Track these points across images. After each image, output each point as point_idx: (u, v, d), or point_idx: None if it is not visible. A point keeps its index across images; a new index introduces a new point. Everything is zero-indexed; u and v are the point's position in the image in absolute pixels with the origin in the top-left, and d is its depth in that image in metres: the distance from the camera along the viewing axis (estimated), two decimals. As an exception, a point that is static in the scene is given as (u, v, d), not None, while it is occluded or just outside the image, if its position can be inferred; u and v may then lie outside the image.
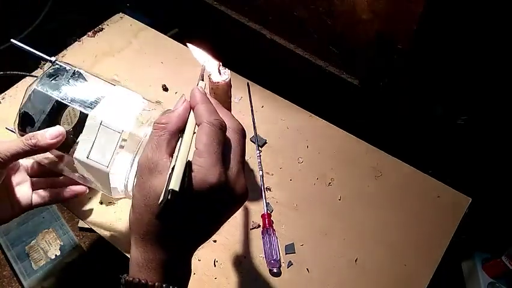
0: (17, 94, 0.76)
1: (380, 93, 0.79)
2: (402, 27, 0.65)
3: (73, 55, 0.83)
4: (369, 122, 0.82)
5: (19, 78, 0.76)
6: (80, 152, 0.48)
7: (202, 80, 0.43)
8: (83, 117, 0.49)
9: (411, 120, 0.81)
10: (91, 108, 0.49)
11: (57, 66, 0.51)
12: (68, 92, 0.50)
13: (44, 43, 0.85)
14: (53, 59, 0.51)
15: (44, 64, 0.80)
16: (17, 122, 0.50)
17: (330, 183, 0.67)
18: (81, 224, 1.25)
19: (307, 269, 0.58)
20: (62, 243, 1.20)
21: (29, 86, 0.49)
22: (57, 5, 1.01)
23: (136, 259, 0.36)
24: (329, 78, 0.84)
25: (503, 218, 0.90)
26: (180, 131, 0.37)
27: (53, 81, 0.50)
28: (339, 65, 0.82)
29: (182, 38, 0.86)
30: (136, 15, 0.91)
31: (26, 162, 0.56)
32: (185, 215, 0.35)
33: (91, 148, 0.48)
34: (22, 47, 0.52)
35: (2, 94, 0.75)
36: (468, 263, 1.06)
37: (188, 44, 0.48)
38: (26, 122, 0.50)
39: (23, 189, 0.54)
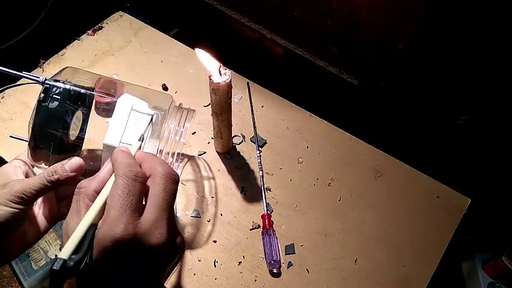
0: (16, 94, 0.75)
1: (380, 93, 0.79)
2: (402, 27, 0.65)
3: (72, 54, 0.83)
4: (369, 122, 0.82)
5: (18, 78, 0.76)
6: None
7: (142, 140, 0.44)
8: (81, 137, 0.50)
9: (411, 120, 0.81)
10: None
11: (47, 86, 0.49)
12: (66, 116, 0.49)
13: (44, 42, 0.85)
14: (41, 78, 0.49)
15: (43, 63, 0.80)
16: (29, 153, 0.49)
17: (330, 183, 0.67)
18: (81, 223, 1.26)
19: (307, 270, 0.58)
20: (62, 243, 1.20)
21: (30, 119, 0.48)
22: (57, 5, 1.01)
23: None
24: (329, 78, 0.83)
25: (503, 218, 0.90)
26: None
27: (49, 105, 0.48)
28: (339, 65, 0.82)
29: (182, 38, 0.86)
30: (135, 15, 0.91)
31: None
32: (93, 278, 0.32)
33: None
34: (4, 71, 0.51)
35: (1, 94, 0.75)
36: (468, 263, 1.06)
37: (196, 49, 0.48)
38: (39, 154, 0.49)
39: (49, 205, 0.53)
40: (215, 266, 0.58)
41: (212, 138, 0.70)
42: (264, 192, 0.64)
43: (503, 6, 0.55)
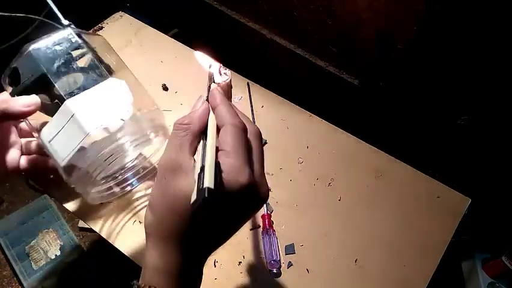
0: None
1: (380, 93, 0.79)
2: (402, 27, 0.65)
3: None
4: (369, 122, 0.82)
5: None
6: (45, 134, 0.48)
7: (214, 82, 0.43)
8: (61, 100, 0.48)
9: (411, 120, 0.81)
10: (72, 94, 0.48)
11: (67, 33, 0.50)
12: (60, 69, 0.48)
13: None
14: (66, 22, 0.50)
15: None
16: (7, 73, 0.50)
17: (330, 183, 0.67)
18: (81, 224, 1.25)
19: (307, 270, 0.58)
20: (62, 243, 1.20)
21: (29, 43, 0.48)
22: (57, 5, 1.01)
23: (154, 263, 0.35)
24: (329, 78, 0.83)
25: (503, 218, 0.90)
26: (202, 131, 0.37)
27: (54, 48, 0.48)
28: (339, 65, 0.82)
29: (182, 38, 0.86)
30: (136, 15, 0.91)
31: (20, 123, 0.55)
32: (216, 215, 0.34)
33: (56, 135, 0.48)
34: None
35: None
36: (468, 263, 1.07)
37: (195, 52, 0.48)
38: (14, 78, 0.49)
39: (12, 153, 0.53)
40: (215, 266, 0.58)
41: (212, 138, 0.70)
42: (264, 192, 0.64)
43: (503, 6, 0.55)
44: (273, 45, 0.88)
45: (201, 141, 0.37)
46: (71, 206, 0.63)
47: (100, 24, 0.88)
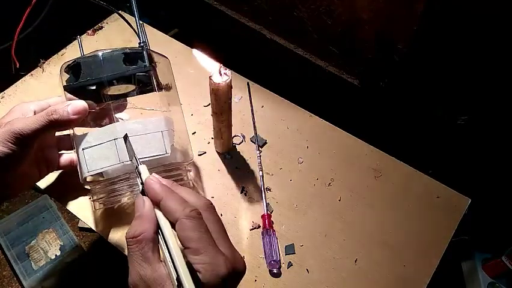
0: (16, 93, 0.75)
1: (380, 93, 0.79)
2: (402, 27, 0.65)
3: (72, 54, 0.82)
4: (369, 122, 0.82)
5: (18, 77, 0.76)
6: (82, 141, 0.49)
7: (141, 179, 0.40)
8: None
9: (411, 120, 0.81)
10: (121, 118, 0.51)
11: (139, 50, 0.52)
12: (118, 81, 0.50)
13: (45, 42, 0.85)
14: (142, 44, 0.53)
15: (43, 63, 0.80)
16: (69, 64, 0.51)
17: (330, 183, 0.67)
18: (81, 224, 1.25)
19: (307, 270, 0.58)
20: (62, 243, 1.20)
21: (102, 50, 0.50)
22: (57, 5, 1.01)
23: None
24: (329, 78, 0.84)
25: (503, 218, 0.90)
26: (156, 231, 0.35)
27: (122, 62, 0.50)
28: (339, 65, 0.82)
29: (182, 38, 0.86)
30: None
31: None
32: None
33: (92, 146, 0.48)
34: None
35: (1, 93, 0.75)
36: (468, 263, 1.07)
37: (193, 50, 0.48)
38: (74, 71, 0.50)
39: (52, 152, 0.54)
40: (215, 266, 0.58)
41: (212, 138, 0.70)
42: (264, 192, 0.64)
43: (503, 7, 0.55)
44: (273, 45, 0.88)
45: (160, 239, 0.35)
46: (71, 206, 0.63)
47: (99, 24, 0.88)
